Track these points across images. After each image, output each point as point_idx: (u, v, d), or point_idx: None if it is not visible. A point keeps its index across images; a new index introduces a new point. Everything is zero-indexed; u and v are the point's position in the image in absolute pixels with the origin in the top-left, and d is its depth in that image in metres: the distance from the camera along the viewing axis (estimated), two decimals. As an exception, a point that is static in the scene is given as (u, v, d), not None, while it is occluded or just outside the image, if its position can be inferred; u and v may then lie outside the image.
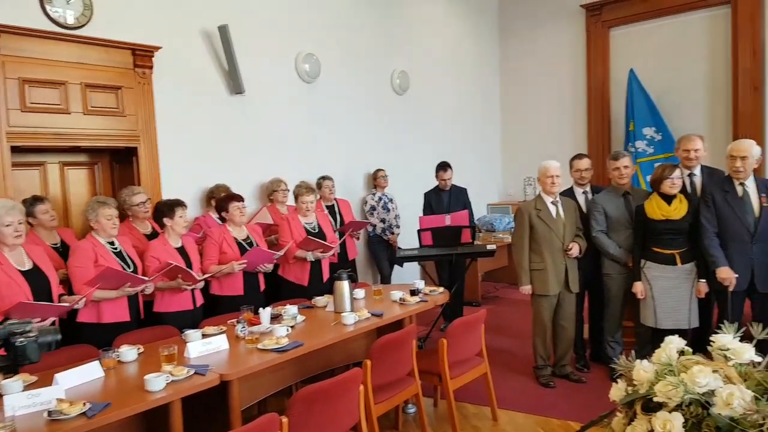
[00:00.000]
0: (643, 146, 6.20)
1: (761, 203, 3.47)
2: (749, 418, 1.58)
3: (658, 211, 3.60)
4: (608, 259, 3.96)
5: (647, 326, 3.70)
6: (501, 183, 8.01)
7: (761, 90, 5.78)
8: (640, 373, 1.89)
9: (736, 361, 1.77)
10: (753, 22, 5.70)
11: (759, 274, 3.46)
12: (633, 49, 6.61)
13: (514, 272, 4.02)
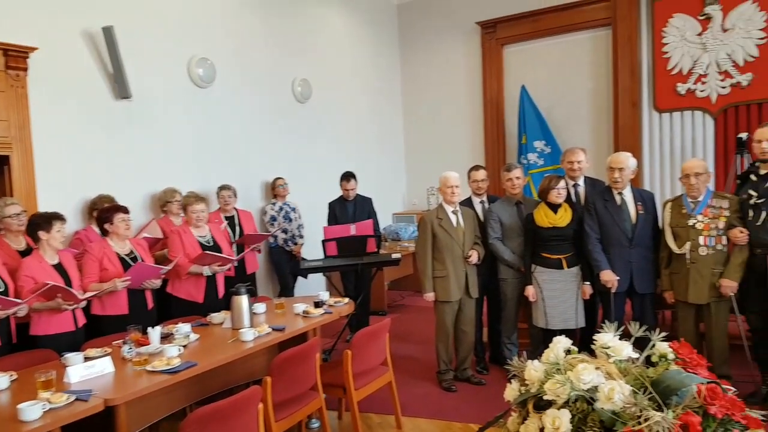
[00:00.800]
0: (534, 158, 6.55)
1: (637, 211, 3.76)
2: (628, 410, 1.67)
3: (546, 219, 3.82)
4: (503, 265, 4.13)
5: (539, 327, 3.89)
6: (406, 192, 8.14)
7: (638, 106, 6.28)
8: (531, 372, 1.95)
9: (616, 358, 1.88)
10: (631, 43, 6.21)
11: (637, 277, 3.75)
12: (525, 66, 6.98)
13: (419, 280, 4.09)
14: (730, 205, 3.52)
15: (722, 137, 5.89)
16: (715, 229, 3.52)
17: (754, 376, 3.60)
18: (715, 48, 5.81)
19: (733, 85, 5.79)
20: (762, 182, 3.44)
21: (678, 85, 6.02)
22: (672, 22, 5.97)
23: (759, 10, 5.60)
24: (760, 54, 5.63)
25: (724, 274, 3.49)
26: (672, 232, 3.64)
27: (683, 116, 6.08)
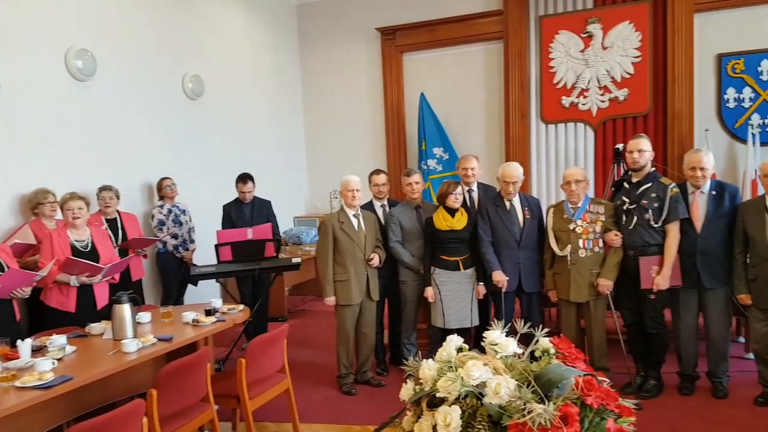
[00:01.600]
0: (434, 164, 6.73)
1: (525, 216, 3.99)
2: (514, 404, 1.73)
3: (444, 223, 3.94)
4: (403, 267, 4.19)
5: (437, 327, 3.98)
6: (308, 195, 8.03)
7: (528, 117, 6.65)
8: (425, 371, 1.98)
9: (503, 354, 1.96)
10: (521, 57, 6.57)
11: (525, 277, 3.97)
12: (424, 74, 7.16)
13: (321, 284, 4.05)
14: (606, 211, 3.80)
15: (601, 147, 6.38)
16: (593, 233, 3.78)
17: (629, 368, 3.89)
18: (596, 64, 6.28)
19: (611, 100, 6.29)
20: (634, 190, 3.74)
21: (563, 98, 6.45)
22: (558, 38, 6.39)
23: (635, 31, 6.12)
24: (635, 71, 6.16)
25: (600, 274, 3.75)
26: (555, 235, 3.87)
27: (567, 128, 6.52)
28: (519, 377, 1.83)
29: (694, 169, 3.64)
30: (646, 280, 3.63)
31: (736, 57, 5.96)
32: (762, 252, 3.44)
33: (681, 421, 3.45)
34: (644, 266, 3.64)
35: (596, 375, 1.80)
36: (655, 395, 3.78)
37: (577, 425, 1.61)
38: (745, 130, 5.87)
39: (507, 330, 2.02)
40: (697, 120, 6.02)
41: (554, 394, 1.75)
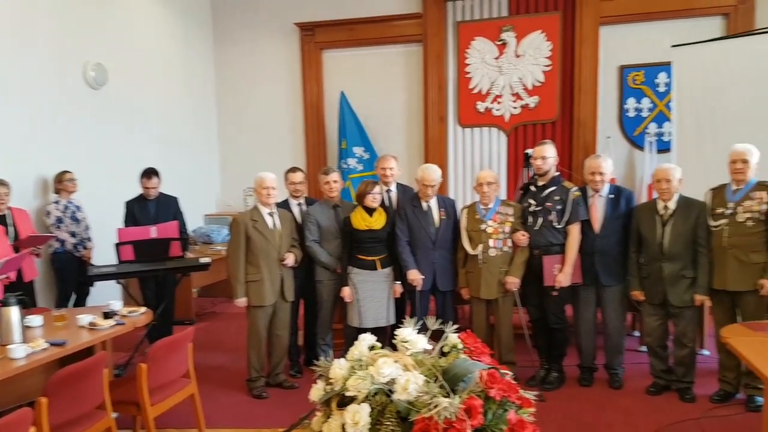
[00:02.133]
0: (354, 163, 6.72)
1: (440, 216, 4.07)
2: (421, 399, 1.76)
3: (362, 222, 3.93)
4: (320, 267, 4.15)
5: (353, 327, 3.97)
6: (220, 193, 7.74)
7: (445, 120, 6.79)
8: (336, 371, 1.98)
9: (413, 351, 1.98)
10: (439, 61, 6.70)
11: (439, 275, 4.05)
12: (344, 73, 7.11)
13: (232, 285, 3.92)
14: (514, 212, 3.95)
15: (513, 152, 6.63)
16: (503, 233, 3.92)
17: (533, 361, 4.07)
18: (509, 72, 6.52)
19: (523, 106, 6.55)
20: (539, 193, 3.91)
21: (478, 103, 6.64)
22: (474, 44, 6.57)
23: (546, 40, 6.41)
24: (545, 80, 6.45)
25: (508, 272, 3.90)
26: (468, 235, 3.99)
27: (482, 132, 6.73)
28: (428, 373, 1.86)
29: (594, 174, 3.86)
30: (549, 277, 3.80)
31: (637, 69, 6.38)
32: (653, 252, 3.70)
33: (580, 410, 3.64)
34: (548, 264, 3.81)
35: (499, 368, 1.85)
36: (557, 386, 3.97)
37: (480, 417, 1.65)
38: (643, 138, 6.29)
39: (419, 327, 2.06)
40: (600, 127, 6.38)
41: (460, 388, 1.79)
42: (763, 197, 3.40)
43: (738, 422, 3.37)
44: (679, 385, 3.78)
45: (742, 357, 2.63)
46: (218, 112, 7.67)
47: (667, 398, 3.76)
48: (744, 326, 3.08)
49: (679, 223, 3.62)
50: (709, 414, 3.48)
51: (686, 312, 3.68)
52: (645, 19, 6.24)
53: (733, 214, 3.46)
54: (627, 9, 6.22)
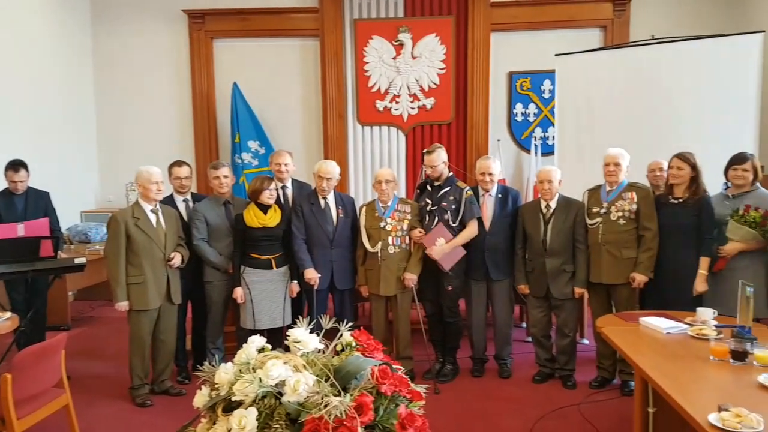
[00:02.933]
0: (249, 158, 6.50)
1: (338, 214, 4.03)
2: (312, 399, 1.72)
3: (256, 220, 3.81)
4: (209, 267, 3.97)
5: (247, 329, 3.83)
6: (99, 188, 7.16)
7: (345, 117, 6.76)
8: (221, 375, 1.90)
9: (304, 351, 1.94)
10: (337, 57, 6.65)
11: (337, 274, 4.01)
12: (237, 64, 6.85)
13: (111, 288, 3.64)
14: (412, 210, 4.02)
15: (412, 151, 6.75)
16: (401, 231, 3.97)
17: (429, 355, 4.15)
18: (406, 72, 6.62)
19: (420, 107, 6.68)
20: (435, 192, 4.01)
21: (377, 102, 6.69)
22: (372, 43, 6.61)
23: (440, 44, 6.57)
24: (440, 82, 6.62)
25: (406, 268, 3.95)
26: (367, 232, 3.99)
27: (381, 130, 6.78)
28: (320, 372, 1.83)
29: (483, 174, 4.01)
30: (429, 239, 3.87)
31: (524, 76, 6.73)
32: (537, 248, 3.91)
33: (473, 400, 3.77)
34: (436, 232, 3.88)
35: (392, 364, 1.86)
36: (452, 379, 4.09)
37: (371, 413, 1.65)
38: (530, 142, 6.66)
39: (312, 327, 2.02)
40: (491, 130, 6.66)
41: (352, 386, 1.78)
42: (634, 197, 3.69)
43: (614, 405, 3.64)
44: (562, 372, 4.02)
45: (615, 345, 2.83)
46: (96, 102, 7.07)
47: (551, 385, 3.98)
48: (617, 316, 3.32)
49: (559, 221, 3.85)
50: (589, 399, 3.73)
51: (567, 304, 3.92)
52: (532, 28, 6.60)
53: (607, 213, 3.73)
54: (515, 17, 6.54)
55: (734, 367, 2.39)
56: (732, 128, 4.86)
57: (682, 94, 5.08)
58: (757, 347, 2.45)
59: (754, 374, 2.27)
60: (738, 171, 3.51)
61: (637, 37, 6.03)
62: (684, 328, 2.89)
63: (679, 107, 5.08)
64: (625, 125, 5.23)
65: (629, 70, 5.32)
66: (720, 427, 1.83)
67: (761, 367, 2.35)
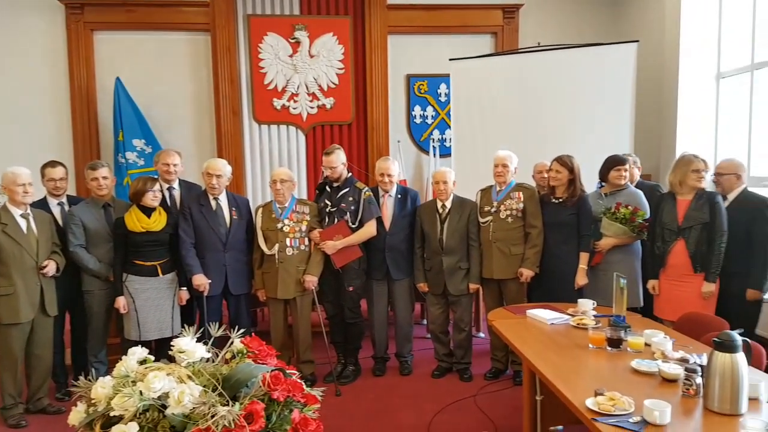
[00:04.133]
0: (134, 158, 6.09)
1: (232, 216, 3.88)
2: (198, 410, 1.64)
3: (138, 224, 3.58)
4: (88, 275, 3.69)
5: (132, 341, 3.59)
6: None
7: (240, 115, 6.50)
8: (98, 390, 1.80)
9: (189, 361, 1.84)
10: (230, 53, 6.37)
11: (231, 278, 3.86)
12: (120, 58, 6.40)
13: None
14: (310, 211, 3.97)
15: (312, 151, 6.64)
16: (299, 232, 3.90)
17: (331, 358, 4.12)
18: (304, 71, 6.51)
19: (319, 107, 6.59)
20: (334, 193, 3.99)
21: (274, 100, 6.52)
22: (267, 39, 6.43)
23: (338, 43, 6.53)
24: (340, 82, 6.56)
25: (306, 270, 3.89)
26: (264, 234, 3.89)
27: (280, 129, 6.61)
28: (207, 382, 1.76)
29: (383, 175, 4.05)
30: (327, 233, 3.87)
31: (422, 79, 6.87)
32: (434, 246, 4.00)
33: (375, 399, 3.79)
34: (335, 228, 3.87)
35: (285, 369, 1.81)
36: (353, 379, 4.09)
37: (262, 421, 1.61)
38: (429, 144, 6.82)
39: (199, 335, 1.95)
40: (391, 132, 6.71)
41: (243, 394, 1.73)
42: (521, 197, 3.88)
43: (507, 395, 3.81)
44: (459, 366, 4.15)
45: (504, 338, 2.96)
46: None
47: (449, 379, 4.10)
48: (507, 310, 3.48)
49: (454, 221, 3.97)
50: (484, 391, 3.88)
51: (463, 300, 4.05)
52: (427, 32, 6.74)
53: (497, 212, 3.90)
54: (412, 21, 6.65)
55: (610, 354, 2.56)
56: (610, 132, 5.23)
57: (565, 99, 5.40)
58: (631, 334, 2.63)
59: (627, 360, 2.43)
60: (620, 171, 3.82)
61: (526, 44, 6.36)
62: (566, 318, 3.07)
63: (563, 111, 5.40)
64: (515, 128, 5.49)
65: (518, 76, 5.59)
66: (595, 410, 1.95)
67: (634, 352, 2.53)
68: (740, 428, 1.80)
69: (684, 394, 2.06)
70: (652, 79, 5.83)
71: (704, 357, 2.23)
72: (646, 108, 5.82)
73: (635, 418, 1.87)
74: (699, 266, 3.40)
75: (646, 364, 2.34)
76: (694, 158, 3.49)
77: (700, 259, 3.39)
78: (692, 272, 3.42)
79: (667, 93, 5.67)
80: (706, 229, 3.38)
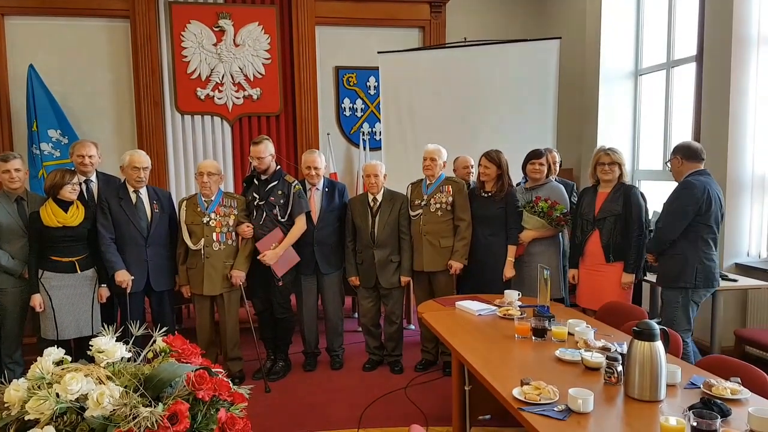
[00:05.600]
0: (49, 149, 5.72)
1: (153, 209, 3.74)
2: (119, 412, 1.59)
3: (54, 219, 3.41)
4: (1, 272, 3.47)
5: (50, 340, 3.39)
6: None
7: (161, 105, 6.25)
8: (11, 393, 1.71)
9: (109, 361, 1.77)
10: (151, 41, 6.12)
11: (153, 274, 3.73)
12: (34, 44, 6.01)
13: None
14: (238, 205, 3.88)
15: (239, 143, 6.50)
16: (227, 226, 3.81)
17: (259, 354, 4.06)
18: (229, 60, 6.34)
19: (245, 97, 6.45)
20: (263, 186, 3.90)
21: (198, 89, 6.32)
22: (190, 27, 6.21)
23: (264, 33, 6.40)
24: (266, 72, 6.45)
25: (234, 266, 3.81)
26: (188, 229, 3.77)
27: (204, 120, 6.41)
28: (128, 383, 1.70)
29: (309, 168, 4.02)
30: (264, 244, 3.81)
31: (350, 71, 6.85)
32: (366, 240, 4.01)
33: (305, 394, 3.77)
34: (271, 237, 3.82)
35: (211, 367, 1.77)
36: (284, 375, 4.05)
37: (186, 421, 1.57)
38: (359, 136, 6.81)
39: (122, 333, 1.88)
40: (321, 124, 6.68)
41: (166, 394, 1.68)
42: (450, 190, 3.95)
43: (437, 386, 3.87)
44: (390, 359, 4.19)
45: (433, 329, 3.01)
46: None
47: (380, 372, 4.14)
48: (436, 302, 3.54)
49: (385, 214, 4.00)
50: (414, 382, 3.93)
51: (394, 292, 4.09)
52: (355, 24, 6.71)
53: (427, 205, 3.95)
54: (339, 12, 6.61)
55: (535, 344, 2.63)
56: (534, 126, 5.44)
57: (492, 94, 5.56)
58: (555, 324, 2.71)
59: (552, 349, 2.49)
60: (535, 165, 3.92)
61: (453, 38, 6.48)
62: (493, 309, 3.16)
63: (489, 106, 5.56)
64: (443, 122, 5.59)
65: (446, 70, 5.68)
66: (522, 400, 2.00)
67: (558, 342, 2.61)
68: (659, 414, 1.86)
69: (606, 382, 2.12)
70: (574, 75, 6.07)
71: (625, 345, 2.30)
72: (569, 103, 6.05)
73: (560, 407, 1.91)
74: (612, 256, 3.54)
75: (569, 353, 2.39)
76: (601, 151, 3.61)
77: (612, 249, 3.54)
78: (604, 261, 3.57)
79: (589, 89, 5.92)
80: (620, 220, 3.52)
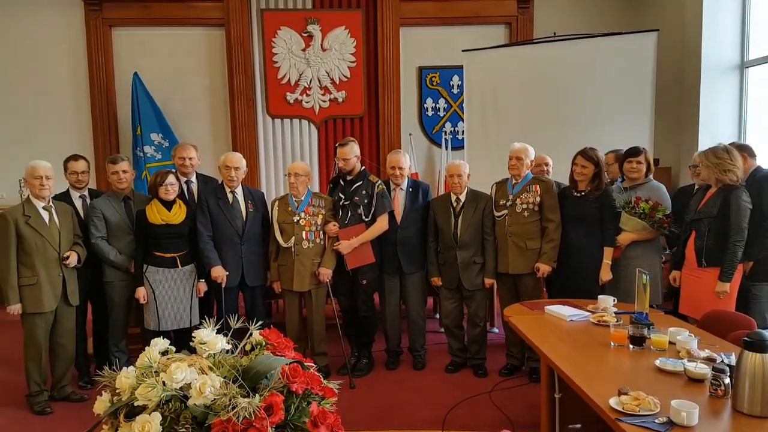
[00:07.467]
0: (152, 152, 6.19)
1: (248, 209, 3.92)
2: (219, 401, 1.67)
3: (158, 216, 3.65)
4: (109, 267, 3.76)
5: (151, 330, 3.66)
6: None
7: (254, 109, 6.55)
8: (122, 380, 1.82)
9: (210, 352, 1.87)
10: (244, 48, 6.44)
11: (247, 271, 3.90)
12: (138, 53, 6.50)
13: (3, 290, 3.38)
14: (325, 204, 3.99)
15: (324, 144, 6.70)
16: (315, 225, 3.93)
17: (344, 350, 4.14)
18: (316, 64, 6.55)
19: (331, 100, 6.63)
20: (348, 187, 4.01)
21: (287, 94, 6.57)
22: (280, 34, 6.47)
23: (350, 36, 6.54)
24: (351, 75, 6.59)
25: (321, 263, 3.92)
26: (279, 227, 3.92)
27: (293, 123, 6.67)
28: (228, 374, 1.78)
29: (394, 168, 4.05)
30: (346, 234, 3.89)
31: (434, 71, 6.85)
32: (448, 241, 3.99)
33: (388, 392, 3.81)
34: (354, 229, 3.90)
35: (303, 361, 1.83)
36: (367, 373, 4.11)
37: (281, 413, 1.62)
38: (441, 136, 6.80)
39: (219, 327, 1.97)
40: (403, 125, 6.73)
41: (262, 386, 1.75)
42: (538, 190, 3.82)
43: (523, 392, 3.77)
44: (473, 361, 4.14)
45: (521, 333, 2.93)
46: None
47: (463, 375, 4.09)
48: (523, 305, 3.41)
49: (468, 214, 3.95)
50: (499, 387, 3.85)
51: (477, 294, 4.04)
52: (440, 24, 6.71)
53: (512, 206, 3.86)
54: (424, 12, 6.63)
55: (633, 352, 2.49)
56: (629, 123, 5.16)
57: (582, 91, 5.35)
58: (654, 332, 2.55)
59: (651, 358, 2.35)
60: (632, 164, 3.71)
61: (541, 34, 6.30)
62: (586, 315, 3.01)
63: (580, 103, 5.35)
64: (529, 120, 5.45)
65: (533, 67, 5.53)
66: (620, 410, 1.90)
67: (658, 351, 2.46)
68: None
69: (711, 394, 2.00)
70: (672, 68, 5.71)
71: (732, 356, 2.17)
72: (666, 98, 5.70)
73: (661, 419, 1.82)
74: (704, 260, 3.29)
75: (671, 363, 2.27)
76: (702, 153, 3.38)
77: (705, 254, 3.29)
78: (697, 266, 3.33)
79: (689, 82, 5.55)
80: (715, 223, 3.26)
